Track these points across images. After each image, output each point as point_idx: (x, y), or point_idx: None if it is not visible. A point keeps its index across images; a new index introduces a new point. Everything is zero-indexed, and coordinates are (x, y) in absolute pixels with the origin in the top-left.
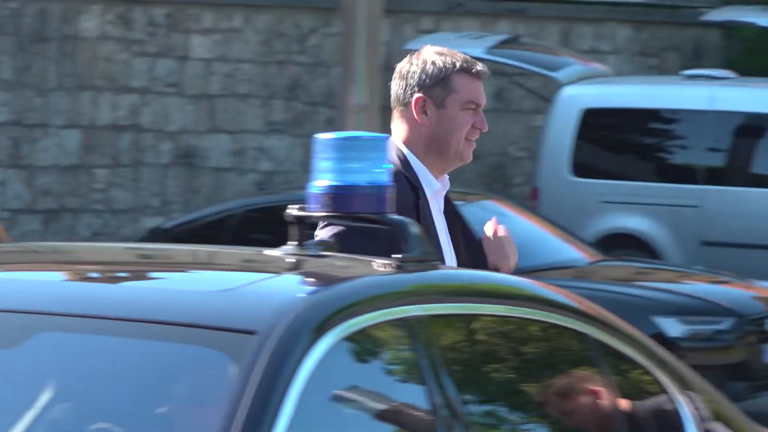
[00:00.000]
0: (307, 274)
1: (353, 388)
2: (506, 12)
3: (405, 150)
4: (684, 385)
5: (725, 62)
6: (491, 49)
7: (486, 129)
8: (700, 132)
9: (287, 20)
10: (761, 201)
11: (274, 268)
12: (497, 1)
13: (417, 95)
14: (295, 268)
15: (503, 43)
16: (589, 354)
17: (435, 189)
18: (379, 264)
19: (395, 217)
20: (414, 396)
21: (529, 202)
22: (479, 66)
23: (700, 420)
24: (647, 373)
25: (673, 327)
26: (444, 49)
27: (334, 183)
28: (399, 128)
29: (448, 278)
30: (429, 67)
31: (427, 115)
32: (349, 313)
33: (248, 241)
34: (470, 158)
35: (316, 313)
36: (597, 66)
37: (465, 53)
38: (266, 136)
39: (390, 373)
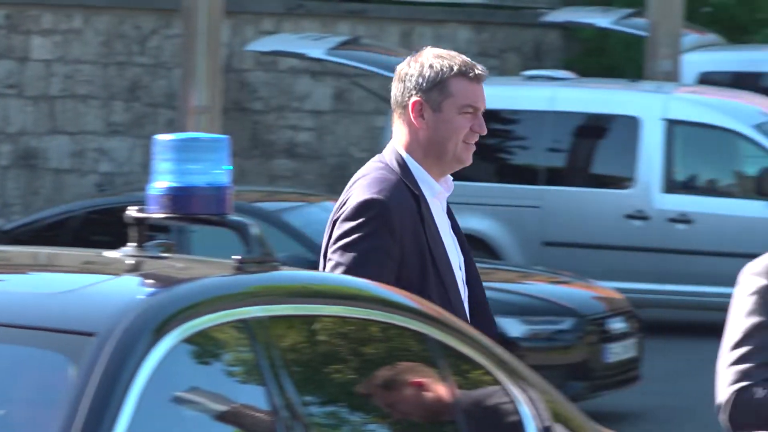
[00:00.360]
0: (146, 276)
1: (193, 389)
2: (346, 13)
3: (404, 154)
4: (524, 385)
5: (565, 63)
6: (332, 50)
7: (485, 132)
8: (540, 133)
9: (128, 21)
10: (601, 201)
11: (114, 269)
12: (337, 2)
13: (414, 99)
14: (134, 269)
15: (343, 44)
16: (429, 354)
17: (436, 192)
18: (219, 265)
19: (234, 218)
20: (254, 397)
21: None
22: (478, 69)
23: (540, 420)
24: (487, 373)
25: (513, 327)
26: (443, 52)
27: (173, 184)
28: (398, 131)
29: (288, 279)
30: (426, 71)
31: (424, 119)
32: (189, 315)
33: (89, 243)
34: (469, 161)
35: (155, 315)
36: None
37: (307, 54)
38: (107, 138)
39: (230, 374)
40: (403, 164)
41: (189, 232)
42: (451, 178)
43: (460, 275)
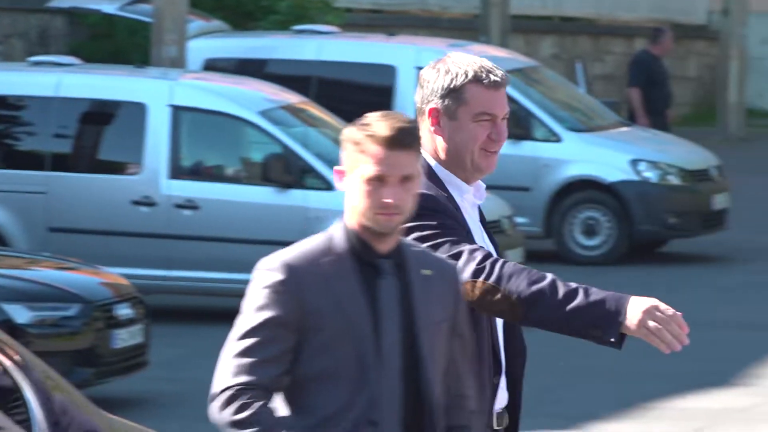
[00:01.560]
0: None
1: None
2: None
3: (429, 160)
4: (28, 373)
5: (71, 48)
6: (124, 6)
7: (503, 140)
8: (46, 119)
9: None
10: (108, 187)
11: None
12: None
13: (431, 106)
14: None
15: (134, 1)
16: None
17: (464, 192)
18: None
19: None
20: None
21: None
22: (495, 75)
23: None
24: None
25: (19, 313)
26: (463, 57)
27: None
28: (424, 136)
29: None
30: (442, 77)
31: (440, 126)
32: None
33: None
34: (490, 169)
35: None
36: None
37: (102, 10)
38: None
39: None
40: (428, 170)
41: None
42: (483, 185)
43: None
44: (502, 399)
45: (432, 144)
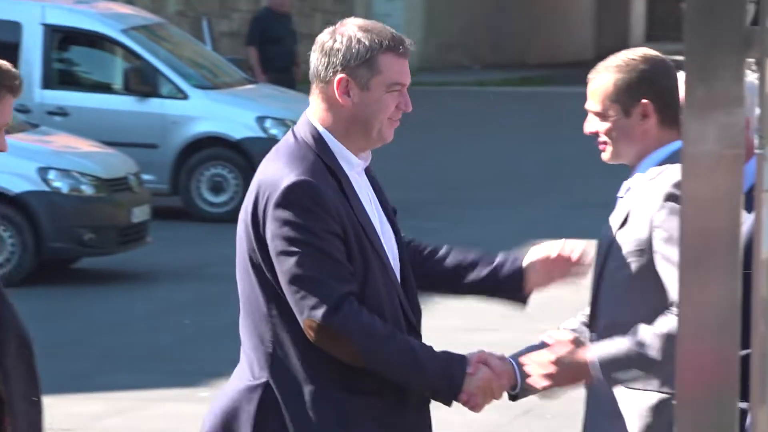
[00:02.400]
0: None
1: None
2: None
3: (320, 129)
4: None
5: None
6: None
7: (410, 110)
8: None
9: None
10: None
11: None
12: None
13: (340, 75)
14: None
15: None
16: None
17: (355, 166)
18: None
19: None
20: None
21: None
22: (405, 44)
23: None
24: None
25: None
26: (369, 24)
27: None
28: (317, 106)
29: None
30: (354, 46)
31: (349, 96)
32: None
33: None
34: (391, 138)
35: None
36: None
37: None
38: None
39: None
40: (318, 138)
41: None
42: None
43: (393, 251)
44: None
45: (329, 114)
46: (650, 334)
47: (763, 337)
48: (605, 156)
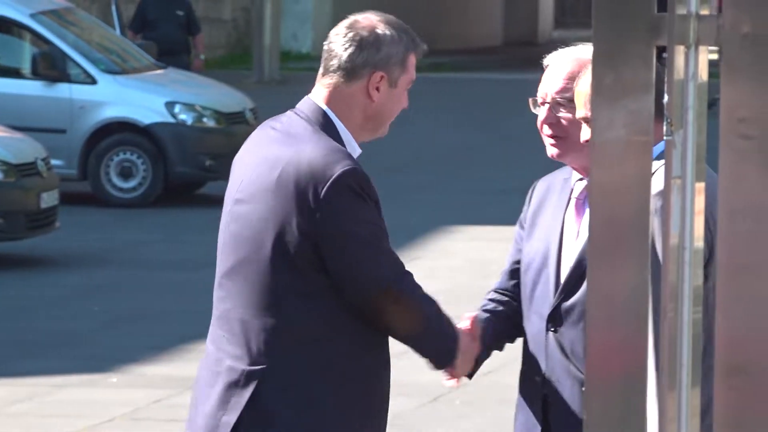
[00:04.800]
0: None
1: None
2: None
3: (332, 116)
4: None
5: None
6: None
7: (407, 106)
8: None
9: None
10: None
11: None
12: None
13: (379, 72)
14: None
15: None
16: None
17: (356, 155)
18: None
19: None
20: None
21: None
22: (422, 42)
23: None
24: None
25: None
26: (396, 22)
27: None
28: (334, 95)
29: None
30: (394, 46)
31: (378, 92)
32: None
33: None
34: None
35: None
36: None
37: None
38: None
39: None
40: (331, 126)
41: None
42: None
43: None
44: None
45: (350, 105)
46: None
47: (672, 323)
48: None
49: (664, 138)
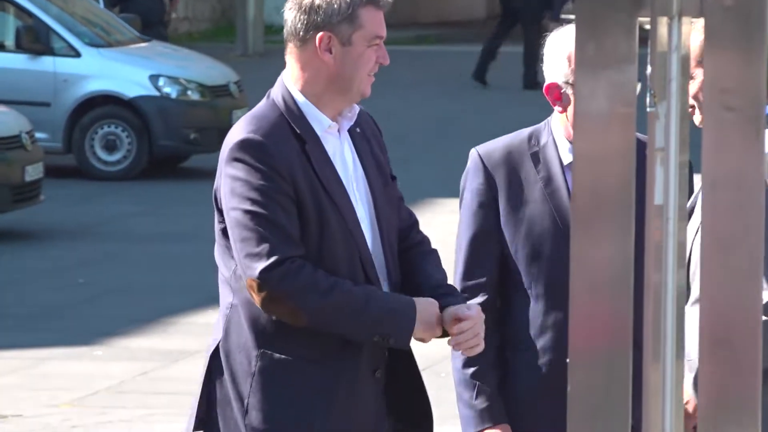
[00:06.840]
0: None
1: None
2: None
3: (292, 88)
4: None
5: None
6: None
7: (388, 62)
8: None
9: None
10: None
11: None
12: None
13: (321, 33)
14: None
15: None
16: None
17: (325, 127)
18: None
19: None
20: None
21: None
22: None
23: None
24: None
25: None
26: None
27: None
28: (293, 65)
29: None
30: (335, 2)
31: (331, 53)
32: None
33: None
34: (369, 93)
35: None
36: None
37: None
38: None
39: None
40: (289, 99)
41: None
42: (357, 106)
43: (367, 215)
44: None
45: (305, 72)
46: None
47: (657, 288)
48: (697, 119)
49: (647, 109)
